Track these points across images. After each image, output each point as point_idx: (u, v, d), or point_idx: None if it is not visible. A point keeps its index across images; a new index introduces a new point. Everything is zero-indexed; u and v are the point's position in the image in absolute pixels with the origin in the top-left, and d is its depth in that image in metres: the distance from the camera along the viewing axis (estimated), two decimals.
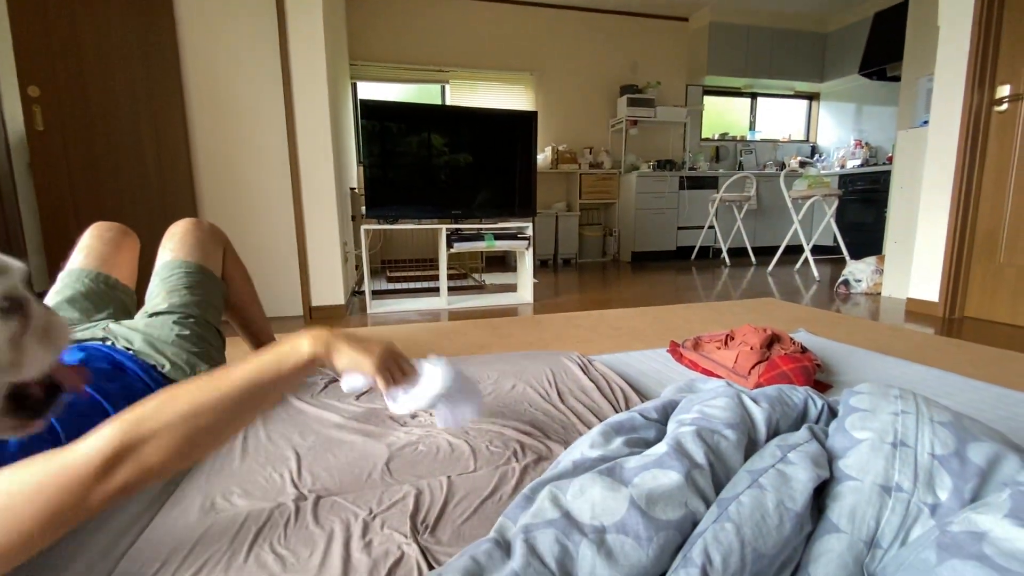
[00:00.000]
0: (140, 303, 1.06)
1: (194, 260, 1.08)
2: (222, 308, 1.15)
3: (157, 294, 1.02)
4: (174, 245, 1.11)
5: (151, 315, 0.97)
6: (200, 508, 0.75)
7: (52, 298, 0.99)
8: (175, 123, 2.31)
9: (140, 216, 2.33)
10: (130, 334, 0.92)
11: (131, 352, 0.89)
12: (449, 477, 0.83)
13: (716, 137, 5.79)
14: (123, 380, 0.82)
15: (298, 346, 0.64)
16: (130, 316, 1.05)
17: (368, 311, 2.64)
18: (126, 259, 1.11)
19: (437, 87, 4.87)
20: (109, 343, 0.90)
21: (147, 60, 2.25)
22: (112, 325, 0.94)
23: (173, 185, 2.35)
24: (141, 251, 1.20)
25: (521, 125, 2.89)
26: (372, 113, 2.60)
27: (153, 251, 1.14)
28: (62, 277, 1.04)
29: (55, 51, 2.15)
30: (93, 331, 0.93)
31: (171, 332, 0.94)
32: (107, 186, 2.30)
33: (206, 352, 0.98)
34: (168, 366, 0.90)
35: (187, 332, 0.96)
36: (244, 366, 0.60)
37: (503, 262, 4.93)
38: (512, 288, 3.34)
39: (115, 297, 1.06)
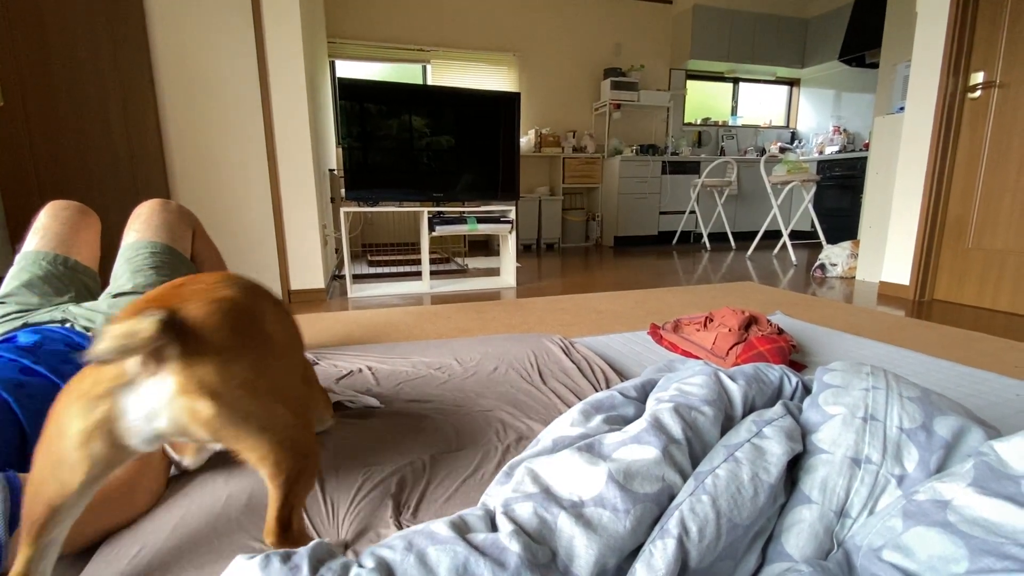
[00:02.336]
0: (105, 285, 1.03)
1: (161, 240, 1.05)
2: None
3: (121, 275, 0.98)
4: (139, 225, 1.07)
5: (115, 296, 0.94)
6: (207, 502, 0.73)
7: (9, 282, 0.95)
8: (144, 98, 2.22)
9: (109, 195, 2.24)
10: (92, 315, 0.89)
11: (91, 333, 0.86)
12: (432, 456, 0.82)
13: (698, 122, 5.81)
14: (81, 362, 0.79)
15: None
16: (94, 298, 1.01)
17: (349, 295, 2.60)
18: (86, 239, 1.06)
19: (418, 67, 4.77)
20: (68, 325, 0.87)
21: (112, 31, 2.15)
22: (72, 307, 0.91)
23: (143, 163, 2.27)
24: (110, 232, 1.15)
25: (504, 106, 2.86)
26: (351, 92, 2.53)
27: (121, 233, 1.10)
28: (18, 260, 0.99)
29: (12, 20, 2.03)
30: (52, 314, 0.89)
31: None
32: (73, 163, 2.20)
33: None
34: None
35: None
36: None
37: (486, 246, 4.91)
38: (495, 272, 3.33)
39: (76, 280, 1.01)
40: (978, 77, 2.23)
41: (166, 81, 2.25)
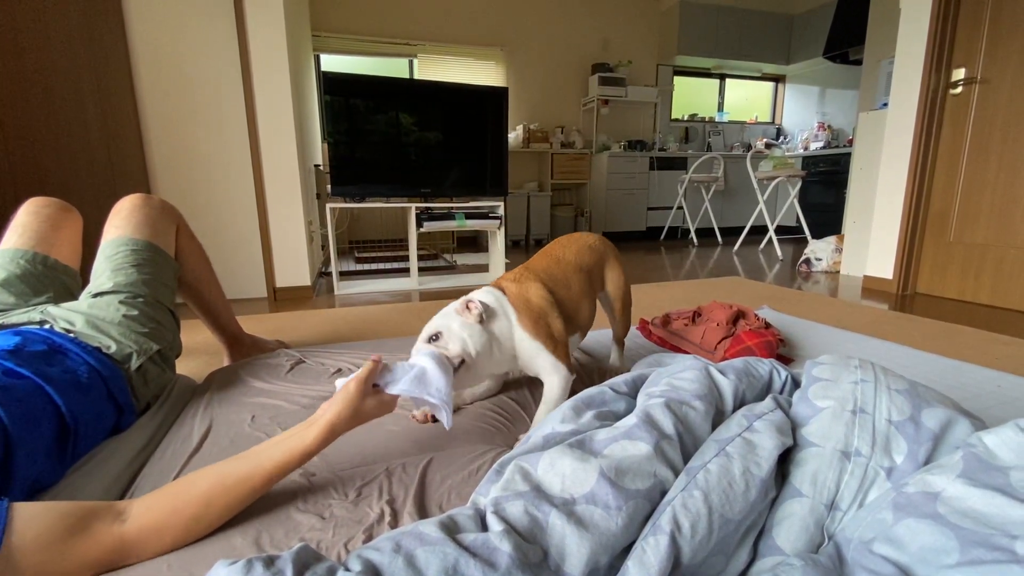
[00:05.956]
0: (86, 284, 1.00)
1: (142, 237, 1.02)
2: (175, 288, 1.08)
3: (101, 273, 0.95)
4: (120, 222, 1.04)
5: (95, 295, 0.91)
6: None
7: None
8: (121, 90, 2.16)
9: (86, 191, 2.18)
10: (71, 316, 0.86)
11: (72, 335, 0.83)
12: (424, 454, 0.81)
13: (685, 118, 5.83)
14: (64, 364, 0.76)
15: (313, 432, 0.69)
16: (74, 299, 0.98)
17: (335, 292, 2.57)
18: (66, 237, 1.03)
19: (404, 61, 4.72)
20: (47, 326, 0.84)
21: (88, 21, 2.08)
22: (51, 308, 0.88)
23: (122, 158, 2.21)
24: (88, 229, 1.12)
25: (492, 101, 2.84)
26: (336, 86, 2.50)
27: (100, 229, 1.06)
28: None
29: None
30: (30, 315, 0.86)
31: (117, 312, 0.88)
32: (48, 158, 2.13)
33: (156, 333, 0.92)
34: (114, 347, 0.85)
35: (135, 312, 0.90)
36: (273, 457, 0.65)
37: (474, 242, 4.89)
38: (484, 268, 3.32)
39: (55, 279, 0.98)
40: (960, 73, 2.26)
41: (144, 73, 2.19)
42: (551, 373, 0.91)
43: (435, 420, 0.95)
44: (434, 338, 0.85)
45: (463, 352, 0.84)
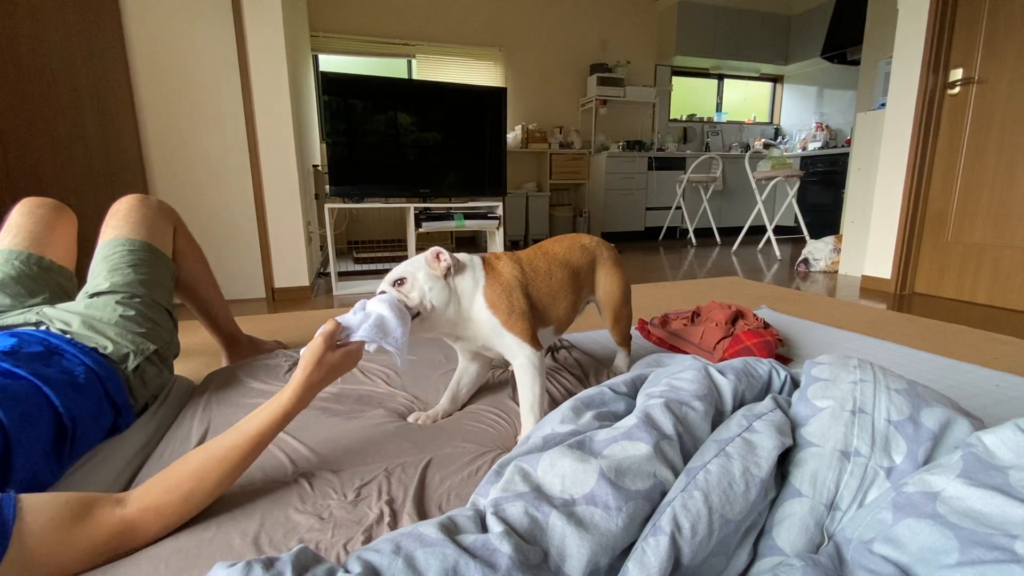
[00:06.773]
0: (82, 285, 0.99)
1: (139, 237, 1.01)
2: (172, 288, 1.08)
3: (98, 274, 0.95)
4: (117, 222, 1.03)
5: (92, 295, 0.91)
6: None
7: None
8: (119, 90, 2.15)
9: (83, 191, 2.18)
10: (68, 316, 0.86)
11: (68, 335, 0.83)
12: (430, 459, 0.81)
13: (684, 118, 5.84)
14: (61, 364, 0.76)
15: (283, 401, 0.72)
16: (70, 299, 0.98)
17: (334, 292, 2.57)
18: (61, 238, 1.03)
19: (403, 61, 4.72)
20: (43, 327, 0.84)
21: (84, 20, 2.08)
22: (47, 309, 0.87)
23: (119, 158, 2.20)
24: (85, 230, 1.11)
25: (491, 102, 2.83)
26: (335, 86, 2.49)
27: (98, 230, 1.06)
28: None
29: None
30: (26, 316, 0.86)
31: (114, 313, 0.88)
32: (45, 158, 2.13)
33: (153, 333, 0.92)
34: (110, 347, 0.84)
35: (132, 312, 0.90)
36: (255, 424, 0.68)
37: (473, 243, 4.89)
38: None
39: (51, 280, 0.98)
40: (957, 74, 2.27)
41: (142, 73, 2.18)
42: (516, 354, 0.89)
43: (434, 421, 0.95)
44: (398, 282, 0.85)
45: (421, 303, 0.84)
